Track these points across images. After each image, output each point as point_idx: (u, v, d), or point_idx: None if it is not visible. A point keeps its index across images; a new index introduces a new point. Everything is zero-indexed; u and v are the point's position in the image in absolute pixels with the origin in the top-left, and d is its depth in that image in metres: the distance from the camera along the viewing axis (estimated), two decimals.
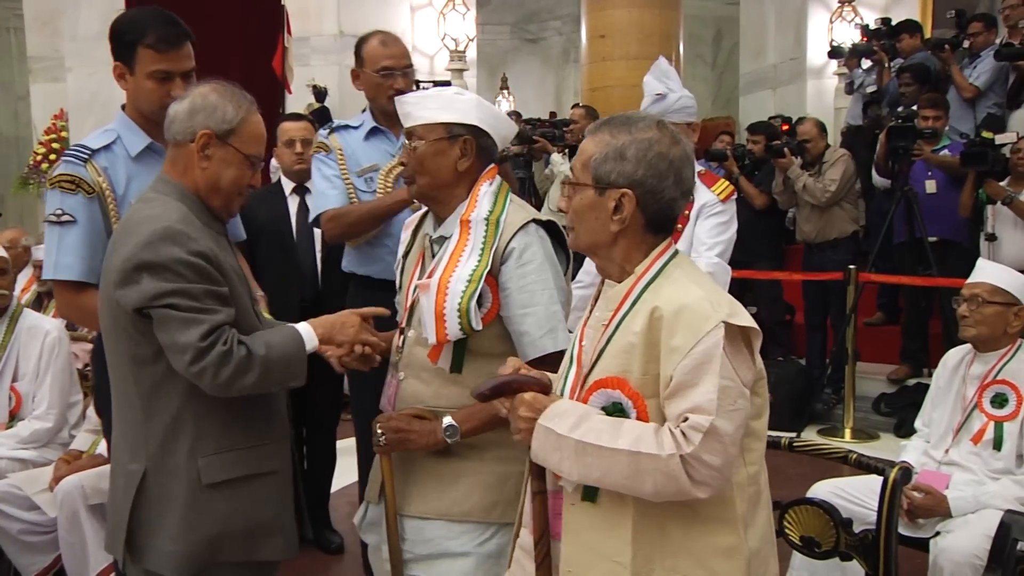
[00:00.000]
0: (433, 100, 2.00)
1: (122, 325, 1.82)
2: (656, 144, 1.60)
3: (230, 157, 1.90)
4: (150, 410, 1.84)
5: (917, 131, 5.20)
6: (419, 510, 1.97)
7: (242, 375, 1.76)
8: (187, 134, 1.89)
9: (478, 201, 1.98)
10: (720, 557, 1.54)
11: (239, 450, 1.88)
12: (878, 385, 5.57)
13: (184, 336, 1.73)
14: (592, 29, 7.80)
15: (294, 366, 1.87)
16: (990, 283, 2.94)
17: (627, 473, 1.49)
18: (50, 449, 3.36)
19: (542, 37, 14.48)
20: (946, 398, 3.02)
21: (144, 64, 2.27)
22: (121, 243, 1.82)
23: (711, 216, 2.94)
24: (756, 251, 5.86)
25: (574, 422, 1.54)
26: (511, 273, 1.92)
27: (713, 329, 1.48)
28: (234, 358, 1.75)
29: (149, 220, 1.80)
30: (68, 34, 7.82)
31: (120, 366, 1.88)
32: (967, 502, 2.72)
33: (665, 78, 3.03)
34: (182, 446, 1.83)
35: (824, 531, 2.09)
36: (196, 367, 1.73)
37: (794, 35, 9.66)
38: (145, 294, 1.74)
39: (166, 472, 1.84)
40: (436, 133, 1.97)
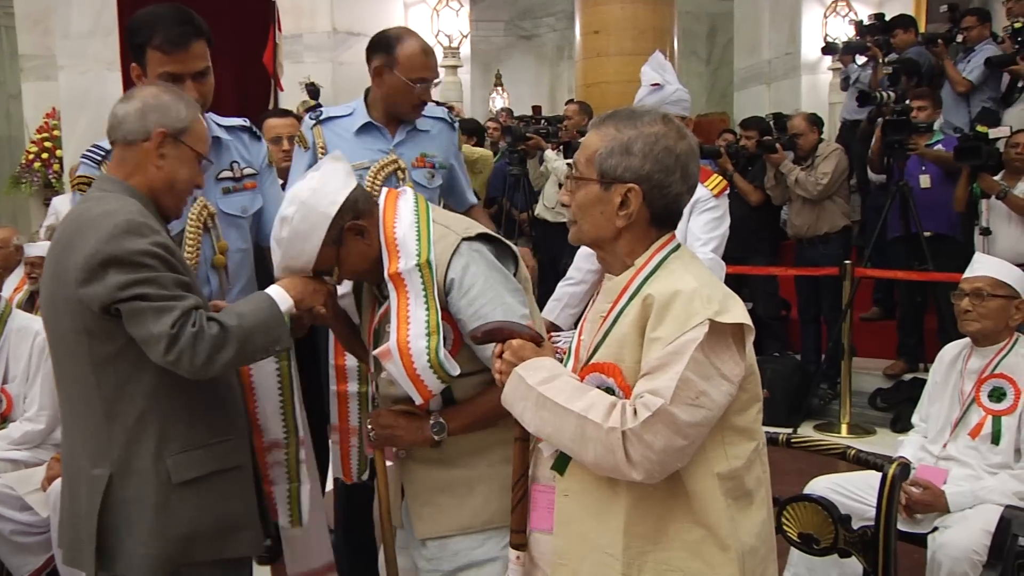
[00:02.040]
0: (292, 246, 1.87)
1: (83, 326, 1.79)
2: (663, 138, 1.58)
3: (184, 156, 1.91)
4: (112, 412, 1.81)
5: (912, 125, 5.20)
6: (441, 529, 1.92)
7: (219, 350, 1.75)
8: (140, 133, 1.88)
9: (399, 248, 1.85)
10: (712, 549, 1.53)
11: (205, 447, 1.88)
12: (874, 380, 5.57)
13: (157, 326, 1.72)
14: (586, 25, 7.79)
15: (274, 329, 1.84)
16: (991, 276, 2.93)
17: (573, 436, 1.51)
18: (43, 449, 3.33)
19: (536, 33, 14.47)
20: (943, 393, 3.02)
21: (154, 65, 2.21)
22: (79, 240, 1.78)
23: (704, 211, 2.93)
24: (751, 247, 5.86)
25: (545, 377, 1.56)
26: (458, 304, 1.84)
27: (697, 325, 1.47)
28: (206, 336, 1.74)
29: (107, 215, 1.78)
30: (60, 32, 7.76)
31: (79, 369, 1.84)
32: (965, 497, 2.71)
33: (662, 70, 3.03)
34: (148, 447, 1.81)
35: (822, 528, 2.08)
36: (172, 354, 1.72)
37: (788, 30, 9.66)
38: (113, 289, 1.73)
39: (133, 474, 1.81)
40: (330, 254, 1.88)
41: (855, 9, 8.89)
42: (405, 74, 2.67)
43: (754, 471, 1.60)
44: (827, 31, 8.99)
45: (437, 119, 2.88)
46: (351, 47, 7.98)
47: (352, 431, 2.33)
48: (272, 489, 2.18)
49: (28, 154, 9.20)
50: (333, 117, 2.81)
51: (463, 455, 1.90)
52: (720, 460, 1.54)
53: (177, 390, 1.83)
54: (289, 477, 2.18)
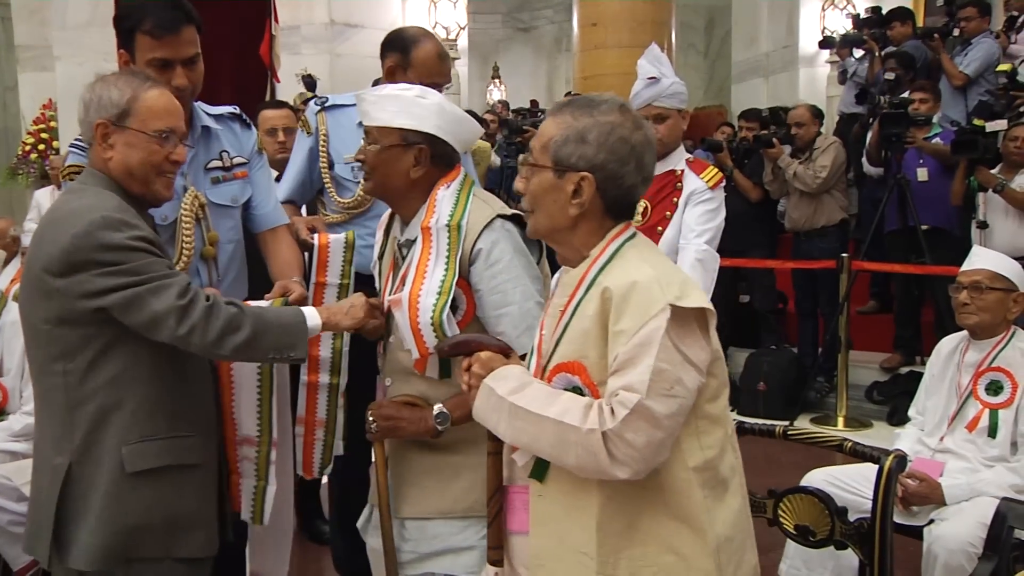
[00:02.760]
0: (393, 102, 1.93)
1: (54, 315, 1.77)
2: (618, 128, 1.57)
3: (131, 139, 1.85)
4: (75, 400, 1.80)
5: (910, 118, 5.19)
6: (421, 510, 1.95)
7: (233, 331, 1.74)
8: (88, 131, 1.88)
9: (436, 206, 1.93)
10: (686, 542, 1.52)
11: (164, 439, 1.85)
12: (871, 373, 5.58)
13: (160, 302, 1.70)
14: (584, 17, 7.77)
15: (292, 334, 1.84)
16: (990, 269, 2.93)
17: (552, 442, 1.50)
18: None
19: (534, 26, 14.45)
20: (940, 386, 3.02)
21: (143, 51, 2.17)
22: (54, 232, 1.76)
23: (700, 203, 2.93)
24: (749, 239, 5.86)
25: (515, 386, 1.55)
26: (481, 275, 1.88)
27: (659, 312, 1.46)
28: (222, 312, 1.73)
29: (85, 210, 1.77)
30: (56, 23, 7.73)
31: (48, 359, 1.82)
32: (961, 490, 2.72)
33: (658, 63, 3.02)
34: (108, 435, 1.80)
35: (819, 520, 2.08)
36: (184, 326, 1.70)
37: (786, 23, 9.65)
38: (95, 283, 1.71)
39: (91, 462, 1.80)
40: (391, 138, 1.93)
41: (853, 2, 8.88)
42: (418, 77, 2.61)
43: (727, 459, 1.60)
44: (825, 24, 8.99)
45: None
46: (349, 39, 7.96)
47: (319, 423, 2.31)
48: (239, 481, 2.16)
49: (24, 145, 9.17)
50: (339, 105, 2.78)
51: (455, 441, 1.91)
52: (694, 451, 1.53)
53: (144, 380, 1.82)
54: (257, 475, 2.16)
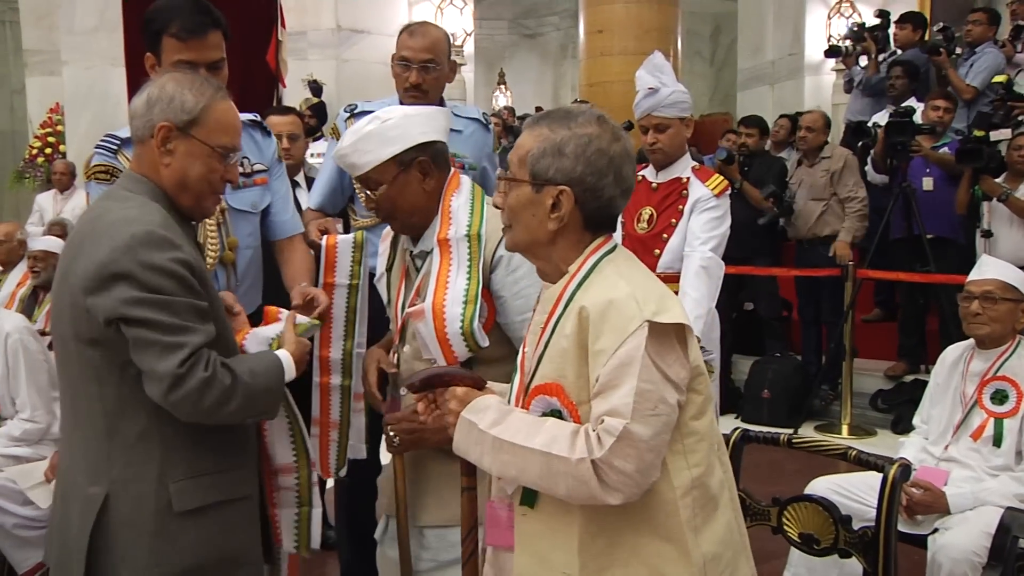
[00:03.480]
0: (368, 141, 1.93)
1: (87, 335, 1.66)
2: (596, 140, 1.54)
3: (195, 150, 1.74)
4: (114, 428, 1.68)
5: (916, 126, 5.19)
6: (441, 518, 1.95)
7: (225, 403, 1.63)
8: (146, 129, 1.74)
9: (452, 217, 1.94)
10: (669, 563, 1.50)
11: (213, 474, 1.74)
12: (875, 382, 5.57)
13: (162, 364, 1.58)
14: (590, 24, 7.80)
15: (275, 396, 1.78)
16: (1001, 280, 2.93)
17: (540, 473, 1.47)
18: (43, 445, 3.33)
19: (540, 32, 14.47)
20: (945, 395, 3.02)
21: (169, 54, 2.18)
22: (92, 245, 1.64)
23: (705, 211, 2.93)
24: (754, 247, 5.85)
25: (495, 418, 1.53)
26: (503, 281, 1.90)
27: (637, 330, 1.43)
28: (217, 384, 1.62)
29: (127, 222, 1.64)
30: (64, 28, 7.78)
31: (81, 380, 1.71)
32: (966, 499, 2.72)
33: (659, 72, 3.01)
34: (151, 469, 1.68)
35: (823, 528, 2.08)
36: (175, 395, 1.59)
37: (792, 31, 9.65)
38: (120, 304, 1.59)
39: (132, 497, 1.67)
40: (389, 171, 1.93)
41: (859, 10, 8.88)
42: (395, 56, 2.71)
43: (715, 474, 1.58)
44: (831, 32, 8.99)
45: (471, 119, 2.87)
46: (355, 44, 7.99)
47: (333, 425, 2.31)
48: (277, 513, 2.09)
49: (32, 149, 9.21)
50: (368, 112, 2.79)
51: None
52: (681, 471, 1.51)
53: None
54: (299, 501, 2.08)
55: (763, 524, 2.17)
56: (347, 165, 1.98)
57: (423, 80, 2.69)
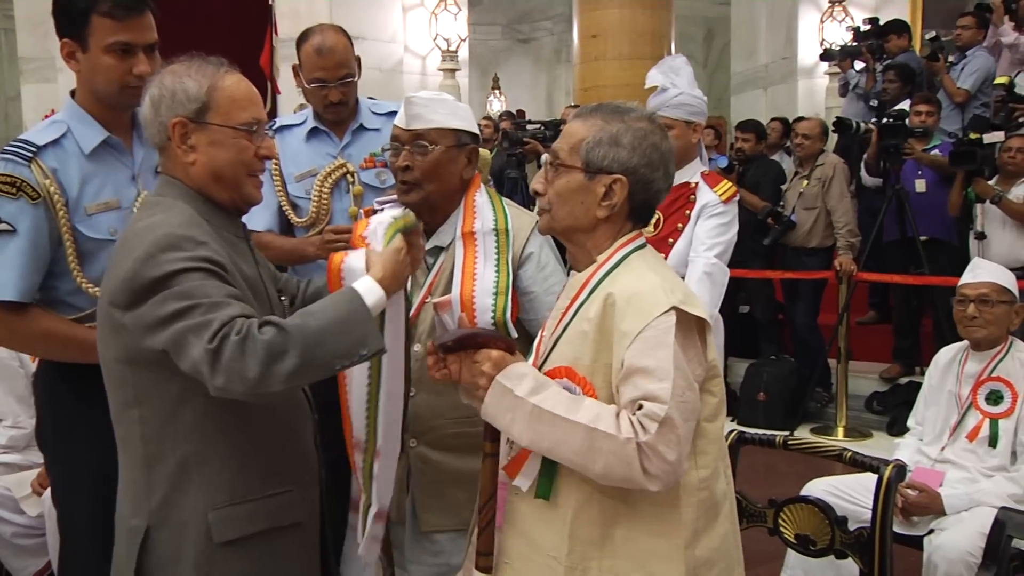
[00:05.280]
0: (442, 105, 1.98)
1: (125, 354, 1.55)
2: (650, 135, 1.58)
3: (216, 137, 1.60)
4: (153, 454, 1.56)
5: (908, 129, 5.23)
6: (450, 523, 1.95)
7: (277, 359, 1.40)
8: (162, 133, 1.61)
9: (477, 211, 1.96)
10: (659, 561, 1.50)
11: (256, 500, 1.58)
12: (870, 384, 5.59)
13: (196, 349, 1.41)
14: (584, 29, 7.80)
15: (355, 328, 1.47)
16: (996, 283, 2.95)
17: (579, 448, 1.44)
18: (33, 450, 3.30)
19: (534, 37, 14.49)
20: (939, 396, 3.03)
21: (100, 35, 1.94)
22: (120, 260, 1.54)
23: (712, 216, 2.90)
24: (750, 250, 5.86)
25: (533, 386, 1.50)
26: (534, 277, 1.92)
27: (664, 313, 1.45)
28: (256, 342, 1.39)
29: (149, 229, 1.53)
30: None
31: (122, 405, 1.60)
32: (961, 499, 2.73)
33: (672, 73, 2.99)
34: (190, 497, 1.55)
35: (819, 529, 2.09)
36: (218, 375, 1.40)
37: (785, 35, 9.69)
38: (150, 313, 1.46)
39: (172, 527, 1.55)
40: (448, 140, 1.96)
41: (851, 14, 8.92)
42: (305, 76, 2.56)
43: (720, 482, 1.58)
44: (823, 36, 9.02)
45: (387, 115, 2.65)
46: None
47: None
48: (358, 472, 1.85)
49: None
50: (287, 126, 2.69)
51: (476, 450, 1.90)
52: (691, 470, 1.51)
53: (230, 430, 1.57)
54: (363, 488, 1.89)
55: (760, 526, 2.18)
56: (412, 115, 1.95)
57: (344, 95, 2.57)
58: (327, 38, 2.54)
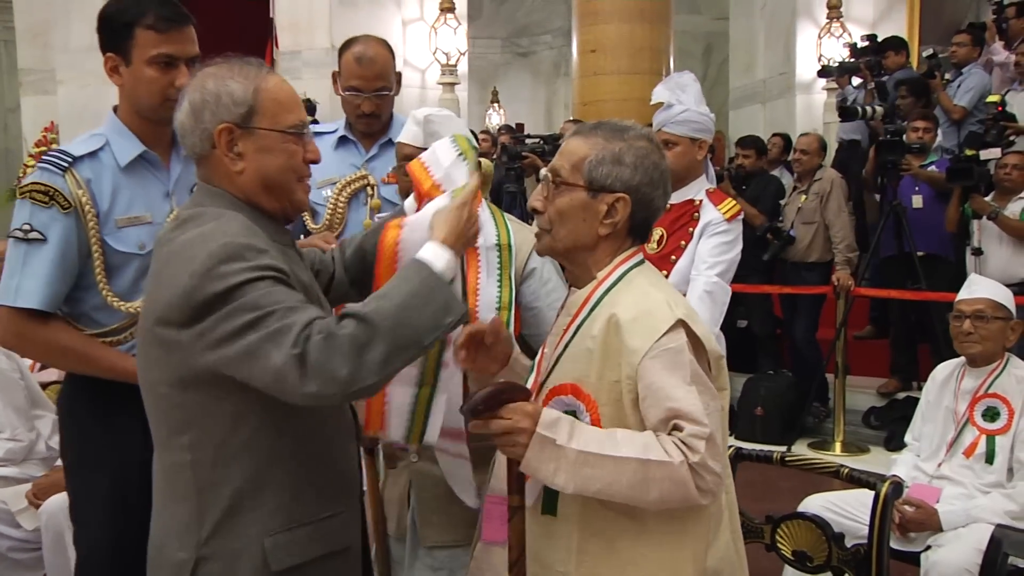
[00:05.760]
0: (453, 122, 2.01)
1: (177, 375, 1.45)
2: (651, 154, 1.60)
3: (265, 143, 1.51)
4: (206, 482, 1.46)
5: (906, 146, 5.25)
6: (450, 537, 1.95)
7: (365, 349, 1.34)
8: (205, 140, 1.51)
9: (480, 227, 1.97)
10: (667, 572, 1.52)
11: (312, 523, 1.50)
12: (868, 399, 5.59)
13: (277, 356, 1.33)
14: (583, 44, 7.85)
15: (433, 297, 1.42)
16: (991, 299, 2.96)
17: (633, 482, 1.43)
18: (30, 464, 3.30)
19: (533, 51, 14.56)
20: (936, 412, 3.04)
21: (144, 48, 1.95)
22: (171, 275, 1.43)
23: (715, 235, 2.87)
24: (749, 265, 5.87)
25: (568, 431, 1.48)
26: (537, 292, 1.93)
27: (672, 329, 1.47)
28: (340, 338, 1.34)
29: (203, 239, 1.43)
30: (59, 46, 7.82)
31: (168, 431, 1.49)
32: (958, 516, 2.73)
33: (678, 89, 3.00)
34: (244, 524, 1.45)
35: (816, 545, 2.09)
36: (309, 381, 1.33)
37: (783, 50, 9.73)
38: (220, 332, 1.37)
39: (224, 558, 1.45)
40: None
41: (849, 30, 8.97)
42: (342, 83, 2.58)
43: (724, 493, 1.61)
44: (821, 51, 9.06)
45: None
46: None
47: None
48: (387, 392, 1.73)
49: (26, 168, 9.21)
50: (319, 133, 2.69)
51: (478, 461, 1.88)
52: None
53: (283, 451, 1.48)
54: (421, 379, 1.72)
55: (757, 541, 2.18)
56: (430, 133, 1.98)
57: (377, 107, 2.59)
58: (368, 48, 2.57)
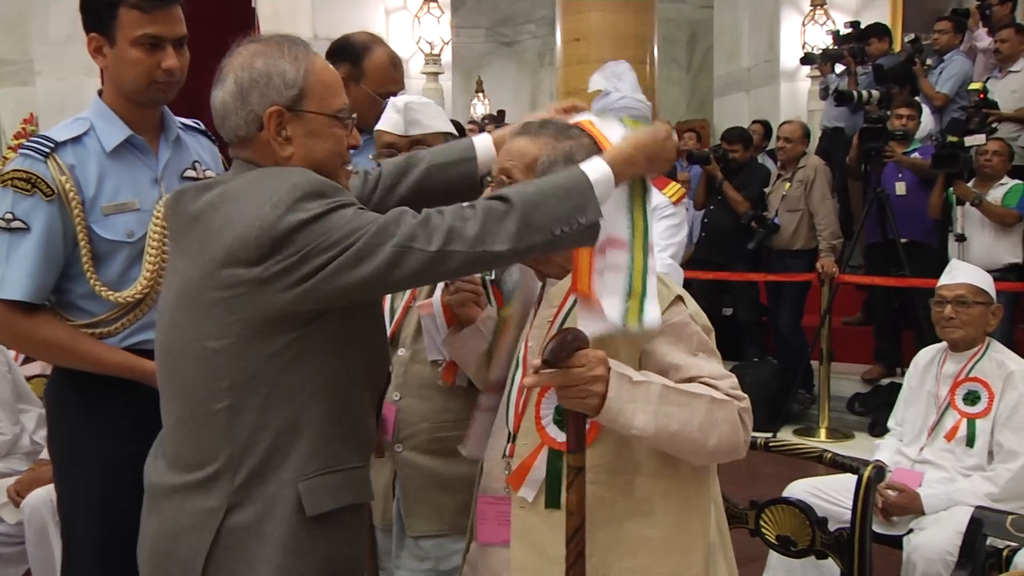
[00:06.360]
0: (432, 109, 2.02)
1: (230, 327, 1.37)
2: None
3: (314, 127, 1.45)
4: (253, 424, 1.40)
5: (889, 133, 5.27)
6: (437, 527, 1.95)
7: (498, 218, 1.31)
8: (251, 123, 1.43)
9: None
10: (681, 554, 1.53)
11: (343, 471, 1.45)
12: (852, 385, 5.63)
13: (400, 231, 1.31)
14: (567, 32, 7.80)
15: (576, 195, 1.36)
16: (972, 284, 2.99)
17: (703, 423, 1.42)
18: (13, 458, 3.28)
19: (517, 40, 14.50)
20: (918, 397, 3.06)
21: (129, 28, 1.87)
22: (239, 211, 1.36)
23: (663, 218, 2.91)
24: (734, 253, 5.90)
25: (637, 372, 1.44)
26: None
27: (672, 305, 1.49)
28: (475, 209, 1.33)
29: (273, 177, 1.38)
30: (38, 37, 7.73)
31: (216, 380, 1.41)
32: (939, 499, 2.76)
33: (615, 78, 3.02)
34: (284, 469, 1.40)
35: (800, 530, 2.11)
36: (436, 237, 1.30)
37: (767, 38, 9.74)
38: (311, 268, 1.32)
39: (256, 503, 1.40)
40: (441, 143, 1.96)
41: (833, 18, 8.98)
42: (374, 86, 2.54)
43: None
44: (806, 39, 9.08)
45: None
46: None
47: None
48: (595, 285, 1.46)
49: (5, 160, 9.13)
50: None
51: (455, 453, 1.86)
52: None
53: (327, 394, 1.44)
54: (630, 291, 1.45)
55: (741, 527, 2.20)
56: (411, 121, 1.98)
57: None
58: (392, 51, 2.59)
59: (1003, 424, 2.82)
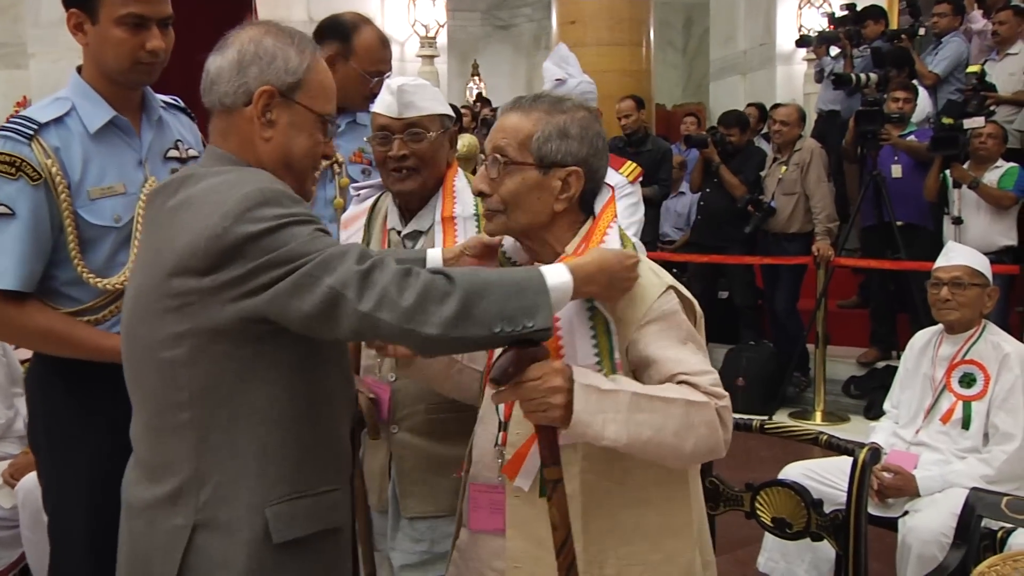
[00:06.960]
0: (427, 91, 1.97)
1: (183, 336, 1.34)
2: (593, 124, 1.57)
3: (299, 119, 1.44)
4: (205, 442, 1.37)
5: (885, 115, 5.26)
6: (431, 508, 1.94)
7: (437, 299, 1.25)
8: (240, 95, 1.42)
9: (457, 196, 1.95)
10: (674, 538, 1.54)
11: (312, 496, 1.41)
12: (848, 368, 5.64)
13: (335, 275, 1.25)
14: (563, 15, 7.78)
15: (528, 296, 1.31)
16: (968, 265, 2.99)
17: (678, 428, 1.37)
18: (7, 442, 3.27)
19: (513, 23, 14.44)
20: (914, 380, 3.07)
21: (113, 6, 1.80)
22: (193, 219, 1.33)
23: (623, 197, 2.87)
24: (730, 236, 5.89)
25: (604, 379, 1.40)
26: None
27: (664, 293, 1.48)
28: (418, 277, 1.27)
29: (230, 185, 1.34)
30: (30, 20, 7.68)
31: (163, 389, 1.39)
32: (935, 481, 2.77)
33: (564, 63, 3.04)
34: (247, 492, 1.37)
35: (795, 512, 2.11)
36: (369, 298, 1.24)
37: (764, 21, 9.71)
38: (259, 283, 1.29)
39: (222, 526, 1.36)
40: (437, 125, 1.96)
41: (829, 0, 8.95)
42: (363, 65, 2.51)
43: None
44: (802, 22, 9.05)
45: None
46: None
47: None
48: None
49: None
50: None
51: (449, 434, 1.89)
52: None
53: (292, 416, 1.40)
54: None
55: (737, 509, 2.20)
56: (405, 103, 1.93)
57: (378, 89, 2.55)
58: (381, 31, 2.55)
59: (999, 406, 2.83)
